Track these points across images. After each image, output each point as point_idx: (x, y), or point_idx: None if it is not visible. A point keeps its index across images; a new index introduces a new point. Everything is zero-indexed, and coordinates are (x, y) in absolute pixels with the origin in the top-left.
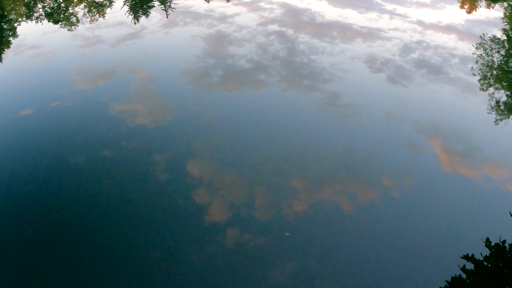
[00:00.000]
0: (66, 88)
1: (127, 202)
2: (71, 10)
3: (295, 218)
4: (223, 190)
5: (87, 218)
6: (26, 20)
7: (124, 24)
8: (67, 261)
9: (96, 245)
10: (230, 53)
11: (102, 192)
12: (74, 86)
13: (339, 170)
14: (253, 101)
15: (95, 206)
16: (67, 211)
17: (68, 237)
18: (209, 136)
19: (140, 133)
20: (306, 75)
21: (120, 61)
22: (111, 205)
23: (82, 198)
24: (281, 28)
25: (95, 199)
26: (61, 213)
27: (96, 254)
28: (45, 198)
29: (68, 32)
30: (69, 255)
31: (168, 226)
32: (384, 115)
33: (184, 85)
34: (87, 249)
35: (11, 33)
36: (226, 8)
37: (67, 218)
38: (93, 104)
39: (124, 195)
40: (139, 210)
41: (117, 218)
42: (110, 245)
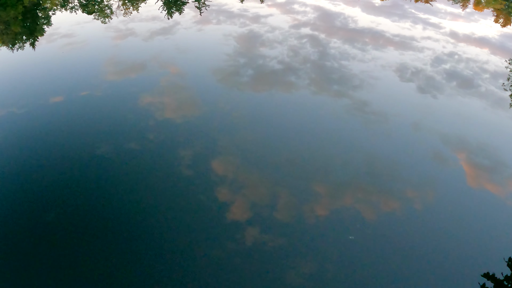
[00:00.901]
0: (97, 78)
1: (149, 195)
2: (105, 2)
3: (316, 222)
4: (246, 189)
5: (108, 207)
6: (60, 9)
7: (158, 19)
8: (84, 247)
9: (115, 234)
10: (261, 54)
11: (125, 183)
12: (104, 77)
13: (363, 178)
14: (282, 103)
15: (116, 196)
16: (89, 199)
17: (87, 225)
18: (236, 134)
19: (167, 127)
20: (336, 80)
21: (152, 55)
22: (133, 197)
23: (105, 187)
24: (313, 32)
25: (118, 189)
26: (83, 200)
27: (114, 242)
28: (69, 185)
29: (102, 23)
30: (87, 242)
31: (188, 221)
32: (411, 125)
33: (214, 83)
34: (104, 238)
35: (45, 22)
36: (260, 9)
37: (88, 206)
38: (123, 95)
39: (147, 188)
40: (161, 203)
41: (138, 210)
42: (128, 235)
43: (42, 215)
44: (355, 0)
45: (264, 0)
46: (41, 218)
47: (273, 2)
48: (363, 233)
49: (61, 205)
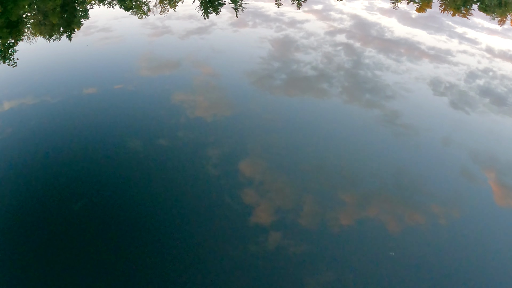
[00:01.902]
0: (131, 73)
1: (175, 192)
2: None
3: (340, 231)
4: (272, 193)
5: (134, 201)
6: (98, 3)
7: (194, 18)
8: (107, 238)
9: (137, 227)
10: (295, 59)
11: (152, 178)
12: (139, 72)
13: (390, 190)
14: (313, 109)
15: (143, 190)
16: (116, 191)
17: (112, 216)
18: (265, 137)
19: (198, 125)
20: (369, 89)
21: (186, 54)
22: (159, 193)
23: (132, 181)
24: (348, 40)
25: (144, 184)
26: (110, 192)
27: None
28: (97, 176)
29: (139, 19)
30: (111, 233)
31: (212, 221)
32: (442, 139)
33: (246, 84)
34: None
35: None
36: (296, 14)
37: (114, 198)
38: (156, 91)
39: (173, 185)
40: (186, 201)
41: (162, 205)
42: (151, 230)
43: (69, 203)
44: (392, 10)
45: (301, 6)
46: (69, 207)
47: (310, 8)
48: (385, 245)
49: (88, 195)
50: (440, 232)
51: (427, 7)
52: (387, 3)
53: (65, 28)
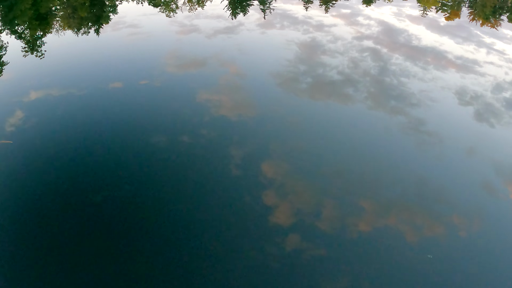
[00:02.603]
0: (157, 69)
1: (195, 189)
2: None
3: (358, 237)
4: (292, 196)
5: (154, 195)
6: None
7: (222, 18)
8: (125, 231)
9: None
10: (322, 62)
11: (173, 174)
12: (165, 69)
13: (410, 198)
14: (337, 114)
15: (163, 186)
16: (137, 185)
17: (132, 210)
18: (288, 139)
19: (222, 124)
20: (394, 96)
21: (213, 53)
22: (180, 189)
23: (153, 176)
24: (375, 46)
25: (166, 179)
26: (131, 186)
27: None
28: (118, 169)
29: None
30: (129, 226)
31: (231, 220)
32: (465, 150)
33: (272, 86)
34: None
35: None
36: (324, 18)
37: (135, 192)
38: (181, 89)
39: (194, 182)
40: (206, 199)
41: (182, 202)
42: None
43: (91, 195)
44: (420, 18)
45: (329, 10)
46: (90, 198)
47: (338, 12)
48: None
49: (109, 188)
50: (459, 244)
51: (456, 16)
52: (416, 10)
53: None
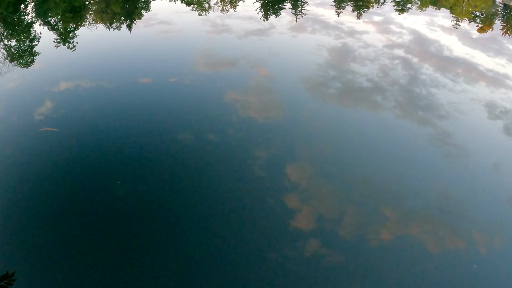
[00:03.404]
0: (187, 67)
1: (219, 188)
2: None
3: (378, 245)
4: (315, 200)
5: (177, 192)
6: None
7: (254, 20)
8: (145, 225)
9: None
10: (351, 69)
11: (197, 171)
12: (194, 67)
13: (433, 210)
14: (364, 121)
15: (186, 182)
16: (160, 180)
17: (154, 205)
18: (314, 144)
19: (248, 125)
20: (422, 107)
21: (244, 54)
22: (203, 187)
23: (177, 172)
24: (406, 55)
25: (189, 176)
26: (154, 181)
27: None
28: (143, 163)
29: (199, 16)
30: (149, 220)
31: (252, 221)
32: (491, 165)
33: (300, 90)
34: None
35: (144, 6)
36: (356, 24)
37: (158, 187)
38: (210, 88)
39: (218, 180)
40: (229, 199)
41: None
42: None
43: (114, 188)
44: (453, 29)
45: (361, 16)
46: (113, 191)
47: (370, 19)
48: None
49: (132, 181)
50: (478, 259)
51: (489, 28)
52: (448, 21)
53: (125, 18)
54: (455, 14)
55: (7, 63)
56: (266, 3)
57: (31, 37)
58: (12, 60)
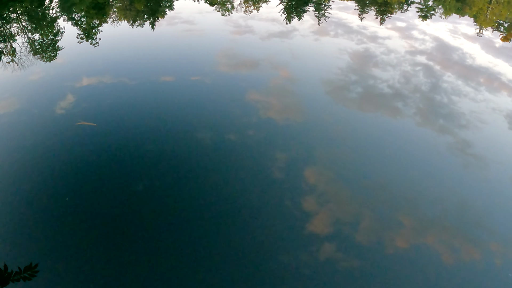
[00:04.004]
0: (209, 67)
1: (236, 188)
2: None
3: (394, 253)
4: (332, 204)
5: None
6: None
7: (277, 21)
8: (162, 221)
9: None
10: (373, 74)
11: (216, 171)
12: (217, 67)
13: (450, 219)
14: (384, 127)
15: (205, 181)
16: (178, 177)
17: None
18: (334, 148)
19: (269, 126)
20: (443, 115)
21: (266, 55)
22: (221, 186)
23: (196, 170)
24: (428, 62)
25: (208, 175)
26: (172, 178)
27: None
28: (161, 160)
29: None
30: (165, 217)
31: (268, 222)
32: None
33: (322, 93)
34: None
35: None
36: (379, 29)
37: (176, 184)
38: (232, 88)
39: (236, 180)
40: (246, 199)
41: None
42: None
43: (133, 183)
44: (476, 37)
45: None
46: (132, 186)
47: (393, 25)
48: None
49: (150, 178)
50: (493, 271)
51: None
52: (471, 29)
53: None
54: (479, 22)
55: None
56: (289, 6)
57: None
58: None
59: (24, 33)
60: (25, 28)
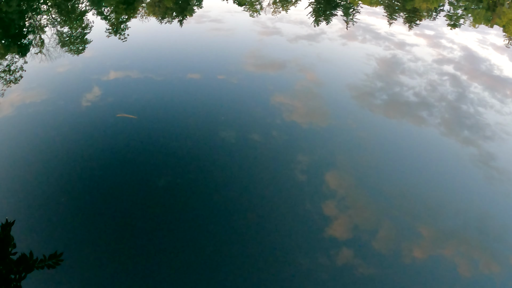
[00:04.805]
0: (236, 66)
1: (257, 188)
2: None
3: (411, 263)
4: (352, 210)
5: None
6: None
7: (305, 24)
8: (182, 218)
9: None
10: (399, 81)
11: (238, 170)
12: (243, 67)
13: (470, 232)
14: (408, 135)
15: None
16: (200, 175)
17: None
18: (357, 153)
19: (292, 129)
20: (468, 126)
21: (293, 57)
22: (242, 186)
23: (218, 168)
24: (455, 71)
25: (229, 173)
26: (194, 175)
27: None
28: (184, 156)
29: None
30: (184, 214)
31: (287, 224)
32: None
33: (347, 98)
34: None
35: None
36: (407, 36)
37: (197, 181)
38: (257, 89)
39: (257, 180)
40: (266, 199)
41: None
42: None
43: (154, 178)
44: (504, 48)
45: (412, 29)
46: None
47: (421, 32)
48: None
49: (172, 174)
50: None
51: None
52: (500, 39)
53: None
54: (508, 33)
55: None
56: (317, 9)
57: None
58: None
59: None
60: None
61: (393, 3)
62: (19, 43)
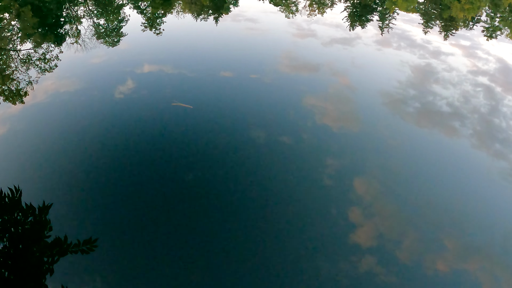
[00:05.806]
0: (269, 66)
1: (284, 190)
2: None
3: (433, 275)
4: (378, 218)
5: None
6: None
7: (340, 28)
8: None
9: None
10: (432, 90)
11: (266, 170)
12: (277, 67)
13: (495, 248)
14: (439, 145)
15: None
16: (228, 173)
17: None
18: (386, 160)
19: (323, 132)
20: (500, 140)
21: (327, 61)
22: (269, 186)
23: (246, 168)
24: (490, 83)
25: (257, 173)
26: (223, 171)
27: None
28: (212, 153)
29: (286, 18)
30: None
31: (311, 227)
32: None
33: (379, 104)
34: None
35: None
36: (442, 45)
37: (225, 178)
38: (289, 90)
39: (284, 182)
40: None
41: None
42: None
43: (183, 173)
44: None
45: (448, 38)
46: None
47: (457, 41)
48: None
49: (201, 169)
50: None
51: None
52: None
53: (213, 11)
54: None
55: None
56: (353, 13)
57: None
58: (99, 38)
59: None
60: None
61: (430, 11)
62: (55, 32)
